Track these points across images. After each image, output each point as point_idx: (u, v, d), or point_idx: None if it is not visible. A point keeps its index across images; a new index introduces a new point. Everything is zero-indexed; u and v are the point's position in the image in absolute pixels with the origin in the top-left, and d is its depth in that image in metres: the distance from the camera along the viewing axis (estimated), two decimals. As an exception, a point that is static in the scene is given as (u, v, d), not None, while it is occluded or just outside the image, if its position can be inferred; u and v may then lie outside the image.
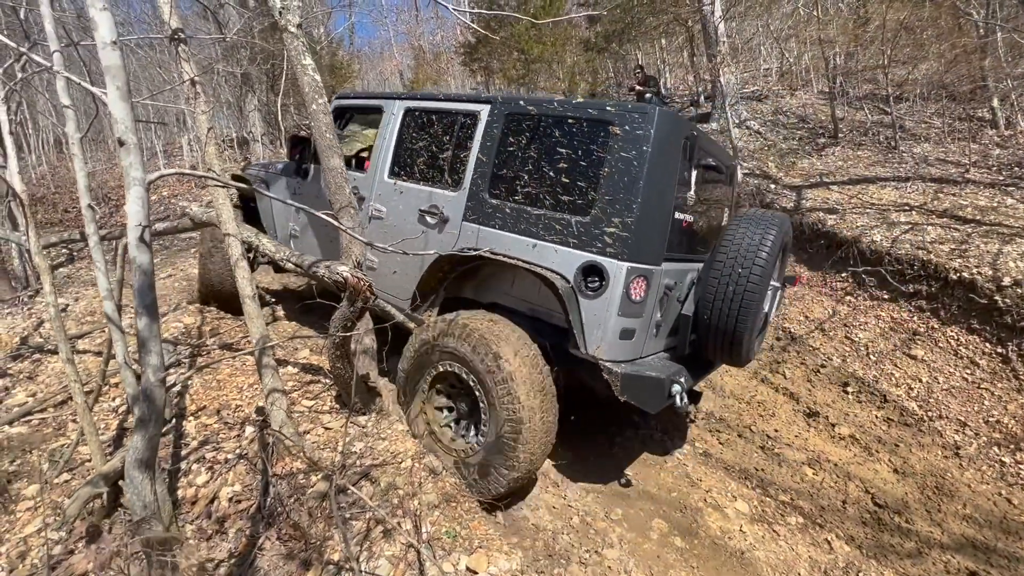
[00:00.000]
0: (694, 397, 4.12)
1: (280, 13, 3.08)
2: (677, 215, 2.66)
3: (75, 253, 8.50)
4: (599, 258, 2.41)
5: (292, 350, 3.69)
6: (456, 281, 3.09)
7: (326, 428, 2.69)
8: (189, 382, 3.01)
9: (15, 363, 3.47)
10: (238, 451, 2.47)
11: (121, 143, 1.15)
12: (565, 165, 2.57)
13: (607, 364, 2.45)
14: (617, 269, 2.37)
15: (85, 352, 3.48)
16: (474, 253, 2.68)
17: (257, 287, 2.74)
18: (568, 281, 2.45)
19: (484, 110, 2.93)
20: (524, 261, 2.59)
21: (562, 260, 2.51)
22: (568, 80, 11.23)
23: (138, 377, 3.05)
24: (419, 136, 3.22)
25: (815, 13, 8.55)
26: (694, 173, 2.72)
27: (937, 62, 8.35)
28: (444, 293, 3.12)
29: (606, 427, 3.86)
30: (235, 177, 4.11)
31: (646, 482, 3.37)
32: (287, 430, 2.48)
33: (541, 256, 2.56)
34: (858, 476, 3.65)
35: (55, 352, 3.44)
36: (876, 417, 4.13)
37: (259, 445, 2.42)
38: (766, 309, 2.97)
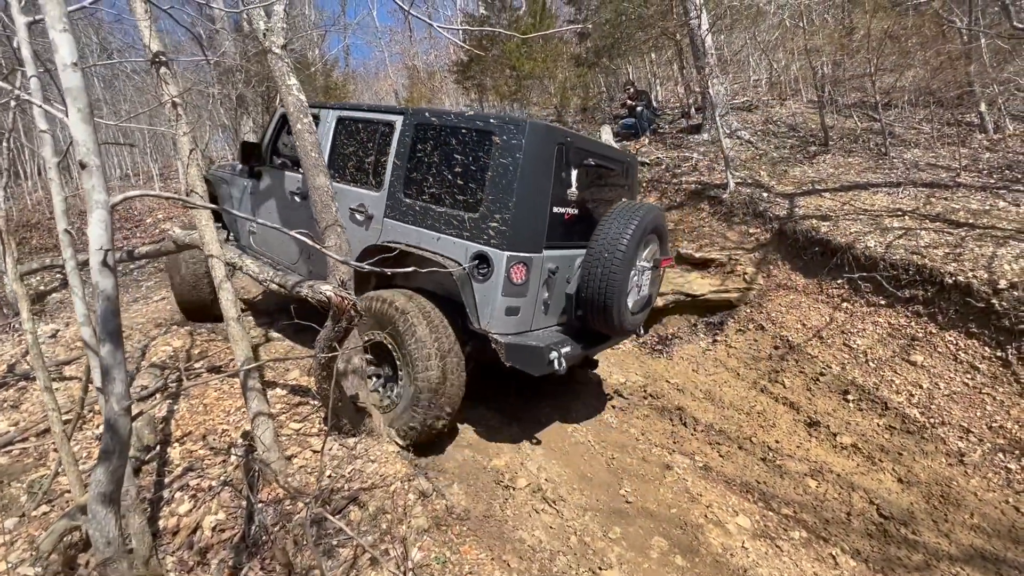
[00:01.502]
0: (591, 364, 4.45)
1: (264, 35, 3.10)
2: (558, 209, 3.10)
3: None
4: (486, 248, 2.85)
5: (283, 371, 3.64)
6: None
7: (314, 451, 2.62)
8: (175, 407, 2.95)
9: (0, 391, 3.41)
10: (223, 478, 2.40)
11: (83, 165, 1.13)
12: (459, 169, 3.01)
13: (495, 336, 2.88)
14: (499, 257, 2.82)
15: (72, 379, 3.43)
16: (394, 245, 3.14)
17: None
18: (464, 268, 2.89)
19: (399, 120, 3.33)
20: (431, 251, 3.02)
21: (459, 250, 2.95)
22: (560, 95, 11.32)
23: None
24: (348, 142, 3.65)
25: (801, 24, 8.67)
26: (574, 172, 3.10)
27: (923, 69, 8.44)
28: (375, 280, 3.54)
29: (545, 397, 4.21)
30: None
31: (644, 498, 3.29)
32: (273, 455, 2.42)
33: (444, 247, 3.01)
34: (862, 487, 3.57)
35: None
36: (878, 425, 4.07)
37: (244, 471, 2.36)
38: (641, 288, 3.50)
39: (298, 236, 1.63)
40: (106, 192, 1.15)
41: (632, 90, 10.04)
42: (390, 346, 3.01)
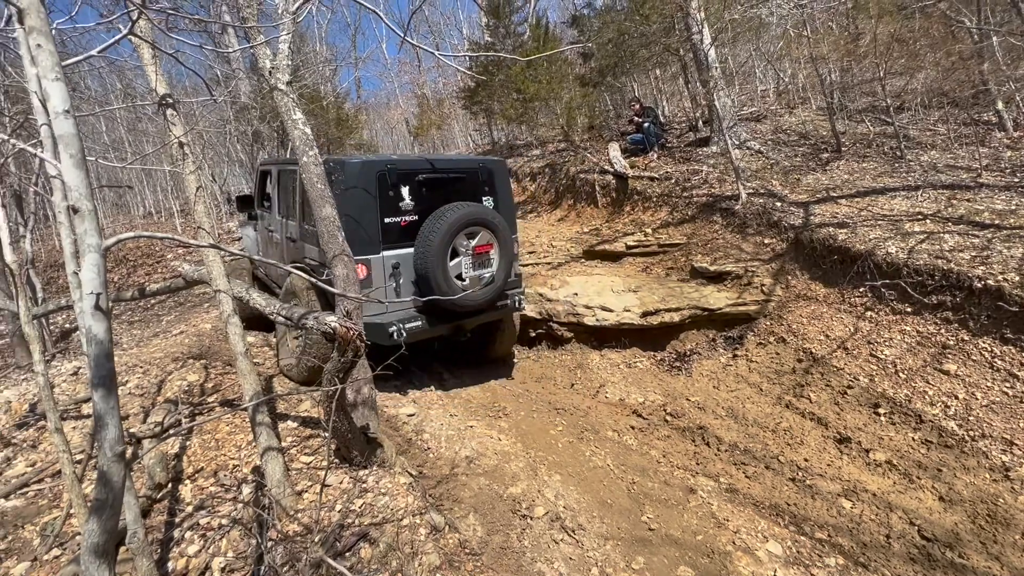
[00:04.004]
0: (459, 332, 4.77)
1: (270, 72, 3.17)
2: (391, 219, 4.01)
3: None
4: (344, 255, 3.78)
5: (295, 402, 3.62)
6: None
7: (325, 485, 2.57)
8: (188, 442, 2.94)
9: (20, 431, 3.46)
10: (233, 515, 2.36)
11: (75, 210, 1.13)
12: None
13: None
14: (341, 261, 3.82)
15: (88, 417, 3.46)
16: (306, 260, 4.39)
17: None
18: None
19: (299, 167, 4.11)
20: (316, 261, 4.04)
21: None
22: (566, 115, 11.42)
23: (135, 441, 2.99)
24: (284, 187, 4.88)
25: (804, 33, 8.64)
26: (405, 189, 4.06)
27: (934, 70, 8.30)
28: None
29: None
30: None
31: (668, 525, 3.15)
32: (283, 491, 2.37)
33: (322, 257, 3.79)
34: (900, 506, 3.37)
35: (63, 418, 3.42)
36: (913, 440, 3.86)
37: (253, 509, 2.31)
38: (468, 268, 4.22)
39: (296, 272, 1.63)
40: (99, 236, 1.14)
41: (638, 106, 10.07)
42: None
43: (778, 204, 6.56)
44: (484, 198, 4.58)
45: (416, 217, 4.12)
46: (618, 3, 11.41)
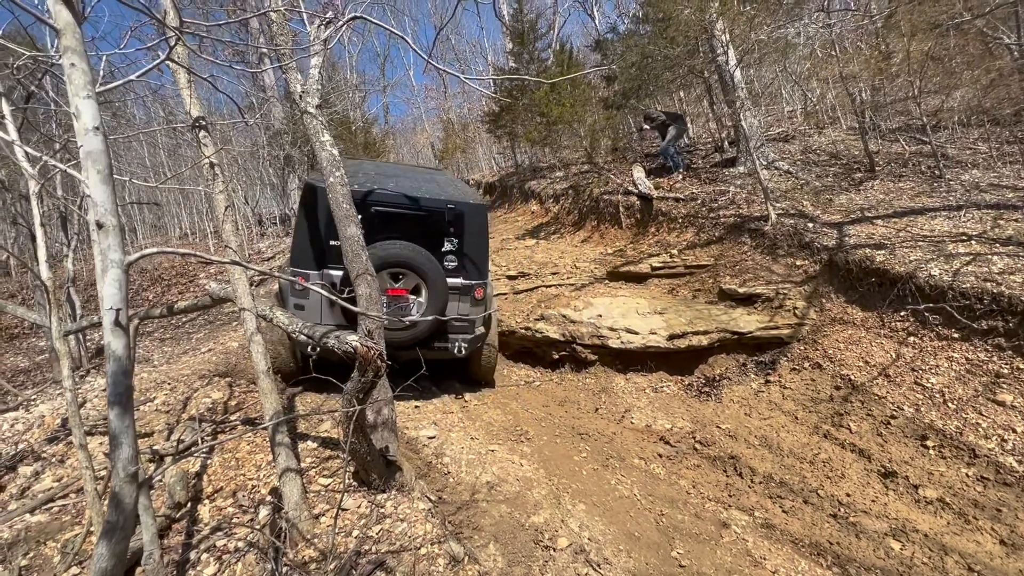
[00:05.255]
0: (393, 359, 4.97)
1: (300, 97, 3.25)
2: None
3: (128, 332, 8.96)
4: (291, 267, 4.16)
5: (315, 422, 3.60)
6: None
7: (343, 509, 2.51)
8: (208, 460, 2.93)
9: (50, 446, 3.51)
10: (249, 538, 2.32)
11: (99, 225, 1.13)
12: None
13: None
14: (288, 270, 4.22)
15: (115, 432, 3.50)
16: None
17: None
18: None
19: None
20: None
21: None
22: (589, 138, 11.47)
23: (158, 459, 3.00)
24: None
25: (833, 53, 8.52)
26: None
27: (972, 88, 8.05)
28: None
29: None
30: None
31: (700, 562, 2.96)
32: (300, 513, 2.32)
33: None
34: (956, 549, 3.11)
35: (90, 434, 3.47)
36: (967, 476, 3.59)
37: (270, 531, 2.26)
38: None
39: (314, 287, 1.60)
40: (122, 252, 1.14)
41: (662, 118, 10.07)
42: None
43: (810, 225, 6.36)
44: (447, 240, 4.43)
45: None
46: (641, 27, 11.51)
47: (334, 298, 1.70)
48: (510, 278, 7.90)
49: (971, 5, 6.74)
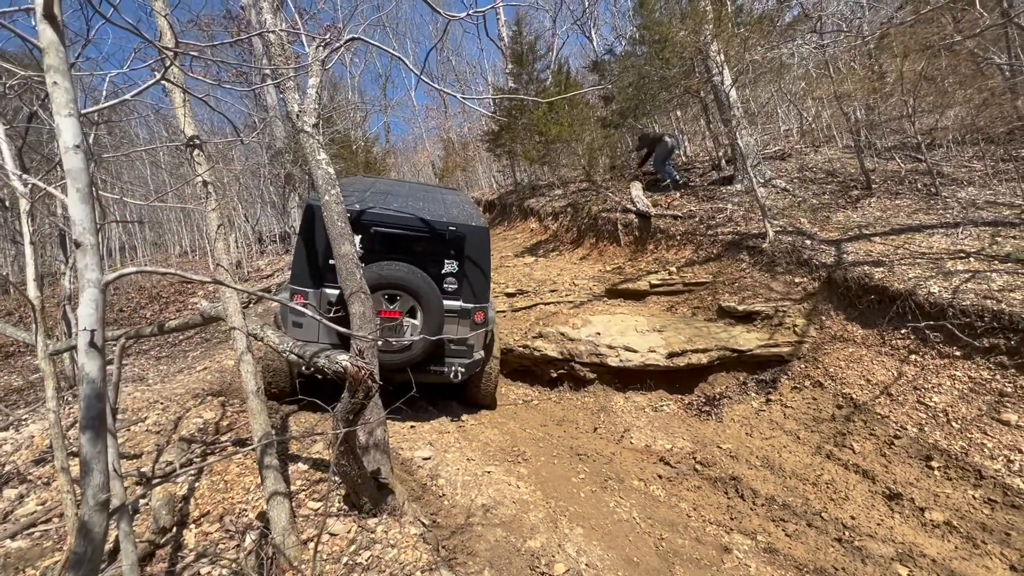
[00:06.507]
0: (386, 380, 4.90)
1: (298, 116, 3.27)
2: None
3: (124, 350, 8.89)
4: (290, 285, 4.14)
5: (308, 443, 3.53)
6: None
7: (331, 534, 2.44)
8: (196, 483, 2.87)
9: (37, 468, 3.44)
10: (235, 566, 2.24)
11: (77, 244, 1.11)
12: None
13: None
14: (288, 289, 4.15)
15: (104, 454, 3.43)
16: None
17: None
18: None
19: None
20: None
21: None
22: (587, 156, 11.56)
23: (145, 481, 2.93)
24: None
25: (827, 73, 8.64)
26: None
27: (965, 107, 8.14)
28: None
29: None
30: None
31: (702, 589, 2.87)
32: (288, 539, 2.25)
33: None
34: (966, 575, 3.01)
35: (75, 455, 3.41)
36: (974, 498, 3.50)
37: (256, 559, 2.19)
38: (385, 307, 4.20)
39: (297, 307, 1.58)
40: (100, 271, 1.12)
41: (643, 147, 10.27)
42: None
43: (808, 242, 6.36)
44: (447, 262, 4.39)
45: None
46: (638, 49, 11.71)
47: (318, 317, 1.66)
48: (508, 296, 7.87)
49: (962, 27, 6.86)
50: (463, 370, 4.44)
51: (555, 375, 5.95)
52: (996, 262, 4.89)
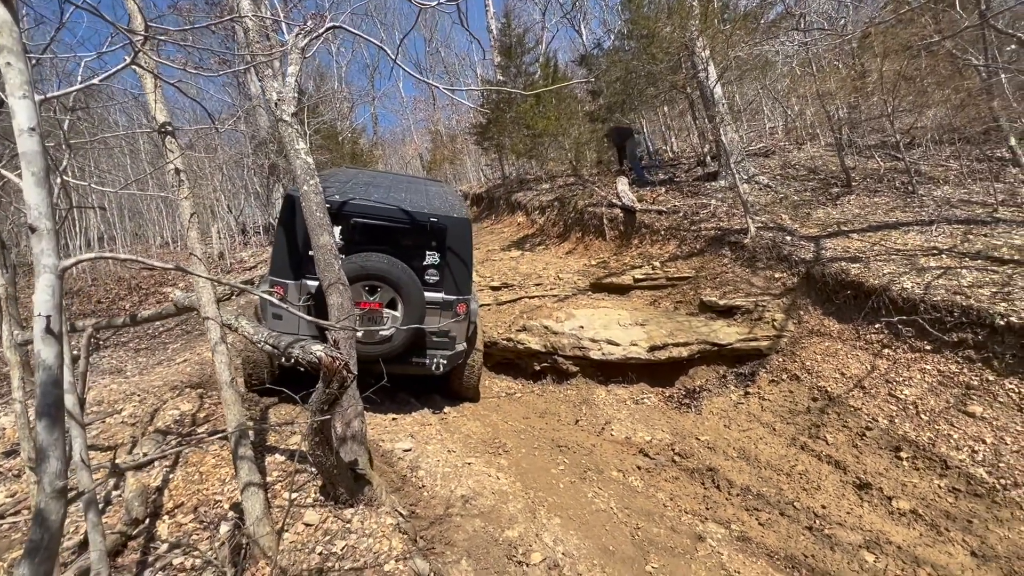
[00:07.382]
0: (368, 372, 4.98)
1: (276, 105, 3.23)
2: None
3: (102, 342, 8.73)
4: (270, 276, 4.14)
5: (286, 434, 3.52)
6: None
7: (307, 524, 2.44)
8: (171, 475, 2.84)
9: (7, 460, 3.39)
10: (208, 556, 2.24)
11: (32, 229, 1.09)
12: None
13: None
14: (267, 280, 4.15)
15: (77, 446, 3.38)
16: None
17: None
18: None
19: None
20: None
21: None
22: (574, 150, 11.59)
23: (115, 471, 2.90)
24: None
25: (810, 71, 8.74)
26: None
27: (943, 107, 8.30)
28: None
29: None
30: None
31: (675, 576, 2.93)
32: (262, 529, 2.25)
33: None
34: (929, 561, 3.12)
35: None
36: (939, 487, 3.61)
37: (228, 549, 2.19)
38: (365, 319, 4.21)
39: (274, 300, 1.57)
40: (56, 256, 1.10)
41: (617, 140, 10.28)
42: None
43: (788, 238, 6.46)
44: (429, 254, 4.37)
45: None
46: (626, 44, 11.72)
47: (292, 310, 1.65)
48: (494, 289, 7.88)
49: (941, 28, 6.98)
50: (445, 362, 4.42)
51: (538, 368, 5.99)
52: (967, 259, 5.01)
